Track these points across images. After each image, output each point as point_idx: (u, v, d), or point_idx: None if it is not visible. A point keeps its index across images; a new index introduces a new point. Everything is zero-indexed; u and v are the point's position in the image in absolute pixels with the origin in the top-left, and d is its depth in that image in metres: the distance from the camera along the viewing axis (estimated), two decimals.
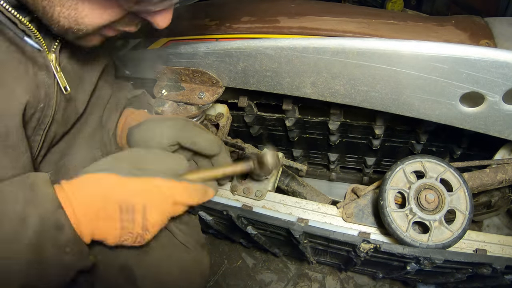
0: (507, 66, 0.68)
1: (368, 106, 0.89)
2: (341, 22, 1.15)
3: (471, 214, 0.78)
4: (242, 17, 1.28)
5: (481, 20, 1.11)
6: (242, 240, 1.62)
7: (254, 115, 1.34)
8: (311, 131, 1.37)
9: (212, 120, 1.23)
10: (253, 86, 0.98)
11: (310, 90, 0.91)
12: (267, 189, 1.02)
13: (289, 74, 0.89)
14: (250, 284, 1.77)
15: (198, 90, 1.05)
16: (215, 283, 1.79)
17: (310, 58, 0.83)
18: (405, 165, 0.85)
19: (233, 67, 0.95)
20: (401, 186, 0.84)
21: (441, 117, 0.83)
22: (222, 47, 0.91)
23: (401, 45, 0.74)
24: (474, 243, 0.87)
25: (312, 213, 0.97)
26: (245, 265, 1.84)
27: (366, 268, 1.41)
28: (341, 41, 0.78)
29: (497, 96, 0.73)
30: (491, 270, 0.83)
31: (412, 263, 0.87)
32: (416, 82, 0.78)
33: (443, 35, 1.05)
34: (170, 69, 1.05)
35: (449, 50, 0.71)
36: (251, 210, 0.99)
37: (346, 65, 0.81)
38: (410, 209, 0.80)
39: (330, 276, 1.74)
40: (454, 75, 0.73)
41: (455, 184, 0.82)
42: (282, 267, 1.80)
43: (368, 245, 0.86)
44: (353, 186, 0.97)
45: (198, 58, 0.97)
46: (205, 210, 1.13)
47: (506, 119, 0.77)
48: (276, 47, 0.85)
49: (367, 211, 0.93)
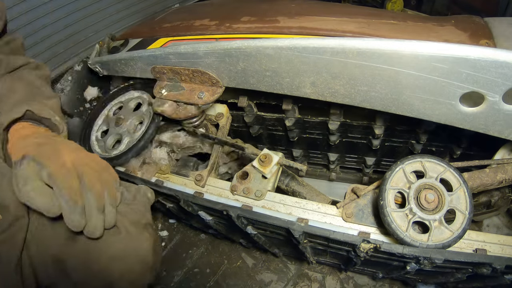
0: (506, 66, 0.68)
1: (368, 106, 0.89)
2: (341, 22, 1.15)
3: (471, 214, 0.78)
4: (242, 17, 1.28)
5: (481, 20, 1.12)
6: (242, 240, 1.62)
7: (254, 115, 1.34)
8: (311, 131, 1.37)
9: (212, 120, 1.23)
10: (253, 86, 0.98)
11: (310, 90, 0.91)
12: (267, 189, 1.02)
13: (289, 74, 0.89)
14: (250, 284, 1.77)
15: (198, 90, 1.05)
16: (215, 283, 1.79)
17: (310, 58, 0.83)
18: (405, 165, 0.85)
19: (233, 67, 0.95)
20: (401, 186, 0.84)
21: (441, 117, 0.83)
22: (222, 47, 0.91)
23: (401, 45, 0.74)
24: (474, 243, 0.87)
25: (312, 213, 0.97)
26: (245, 265, 1.84)
27: (366, 268, 1.41)
28: (341, 41, 0.78)
29: (497, 96, 0.73)
30: (491, 270, 0.83)
31: (412, 263, 0.87)
32: (416, 82, 0.78)
33: (443, 35, 1.05)
34: (170, 69, 1.05)
35: (449, 50, 0.71)
36: (251, 210, 0.99)
37: (346, 65, 0.81)
38: (410, 209, 0.80)
39: (330, 276, 1.74)
40: (454, 75, 0.73)
41: (455, 184, 0.82)
42: (282, 267, 1.80)
43: (368, 245, 0.86)
44: (353, 186, 0.97)
45: (198, 58, 0.97)
46: (205, 210, 1.13)
47: (506, 119, 0.77)
48: (276, 47, 0.85)
49: (367, 211, 0.93)
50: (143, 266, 0.76)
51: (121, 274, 0.73)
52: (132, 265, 0.75)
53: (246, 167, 1.06)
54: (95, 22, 1.99)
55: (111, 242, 0.73)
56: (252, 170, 1.04)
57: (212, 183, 1.10)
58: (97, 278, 0.72)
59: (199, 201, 1.04)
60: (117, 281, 0.73)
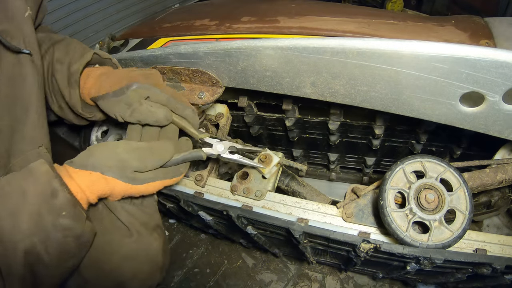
0: (507, 66, 0.68)
1: (368, 106, 0.89)
2: (341, 22, 1.15)
3: (471, 214, 0.78)
4: (242, 17, 1.28)
5: (481, 20, 1.12)
6: (242, 240, 1.62)
7: (254, 115, 1.34)
8: (311, 131, 1.37)
9: (212, 120, 1.23)
10: (253, 86, 0.98)
11: (310, 90, 0.91)
12: (267, 189, 1.02)
13: (289, 74, 0.89)
14: (250, 284, 1.77)
15: (198, 90, 1.05)
16: (215, 283, 1.79)
17: (310, 58, 0.83)
18: (405, 165, 0.85)
19: (233, 67, 0.95)
20: (401, 186, 0.84)
21: (441, 117, 0.83)
22: (222, 47, 0.91)
23: (401, 45, 0.74)
24: (474, 243, 0.87)
25: (312, 213, 0.97)
26: (245, 265, 1.84)
27: (366, 268, 1.41)
28: (341, 41, 0.78)
29: (497, 96, 0.73)
30: (491, 270, 0.83)
31: (412, 263, 0.87)
32: (416, 82, 0.78)
33: (443, 35, 1.05)
34: (170, 69, 1.05)
35: (449, 50, 0.71)
36: (251, 210, 0.99)
37: (346, 65, 0.81)
38: (410, 209, 0.80)
39: (330, 276, 1.75)
40: (454, 75, 0.73)
41: (455, 184, 0.82)
42: (282, 267, 1.81)
43: (368, 245, 0.86)
44: (353, 186, 0.97)
45: (198, 58, 0.97)
46: (205, 210, 1.13)
47: (506, 119, 0.77)
48: (276, 47, 0.85)
49: (367, 211, 0.93)
50: (152, 266, 0.80)
51: (133, 274, 0.76)
52: (142, 265, 0.78)
53: (246, 167, 1.06)
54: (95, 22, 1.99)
55: (123, 243, 0.75)
56: (252, 170, 1.04)
57: (212, 183, 1.10)
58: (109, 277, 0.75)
59: (199, 201, 1.04)
60: (128, 280, 0.76)
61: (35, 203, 0.60)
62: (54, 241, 0.61)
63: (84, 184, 0.68)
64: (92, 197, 0.70)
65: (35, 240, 0.60)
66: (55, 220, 0.61)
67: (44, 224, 0.60)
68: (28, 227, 0.59)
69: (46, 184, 0.62)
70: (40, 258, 0.60)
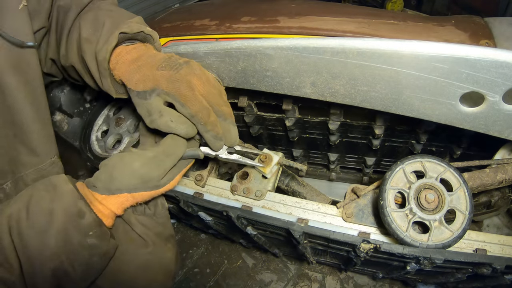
0: (507, 66, 0.68)
1: (368, 106, 0.89)
2: (341, 22, 1.15)
3: (471, 214, 0.78)
4: (242, 17, 1.28)
5: (481, 20, 1.12)
6: (242, 240, 1.62)
7: (254, 115, 1.34)
8: (311, 131, 1.37)
9: None
10: (253, 86, 0.98)
11: (310, 90, 0.91)
12: (267, 189, 1.02)
13: (289, 74, 0.89)
14: (250, 284, 1.77)
15: None
16: (215, 283, 1.79)
17: (310, 58, 0.83)
18: (405, 165, 0.85)
19: (233, 67, 0.95)
20: (401, 186, 0.84)
21: (441, 117, 0.83)
22: (222, 47, 0.91)
23: (402, 45, 0.74)
24: (474, 243, 0.87)
25: (312, 213, 0.97)
26: (245, 265, 1.84)
27: (366, 268, 1.41)
28: (341, 41, 0.78)
29: (497, 96, 0.73)
30: (491, 270, 0.83)
31: (412, 263, 0.87)
32: (416, 82, 0.78)
33: (443, 35, 1.05)
34: None
35: (449, 50, 0.71)
36: (251, 210, 0.99)
37: (346, 65, 0.81)
38: (410, 209, 0.80)
39: (330, 276, 1.75)
40: (454, 75, 0.73)
41: (455, 184, 0.82)
42: (282, 267, 1.81)
43: (368, 245, 0.86)
44: (353, 186, 0.97)
45: (198, 58, 0.97)
46: (204, 210, 1.13)
47: (506, 119, 0.77)
48: (276, 47, 0.85)
49: (367, 211, 0.93)
50: (166, 275, 0.83)
51: (147, 283, 0.80)
52: (157, 275, 0.81)
53: (246, 167, 1.06)
54: None
55: (139, 254, 0.79)
56: (252, 170, 1.04)
57: (212, 183, 1.10)
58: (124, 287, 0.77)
59: (199, 202, 1.04)
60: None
61: (63, 222, 0.63)
62: (81, 258, 0.64)
63: (115, 207, 0.72)
64: (120, 212, 0.74)
65: (63, 257, 0.62)
66: (82, 239, 0.64)
67: (72, 242, 0.64)
68: (57, 244, 0.62)
69: (72, 204, 0.66)
70: (67, 274, 0.63)
